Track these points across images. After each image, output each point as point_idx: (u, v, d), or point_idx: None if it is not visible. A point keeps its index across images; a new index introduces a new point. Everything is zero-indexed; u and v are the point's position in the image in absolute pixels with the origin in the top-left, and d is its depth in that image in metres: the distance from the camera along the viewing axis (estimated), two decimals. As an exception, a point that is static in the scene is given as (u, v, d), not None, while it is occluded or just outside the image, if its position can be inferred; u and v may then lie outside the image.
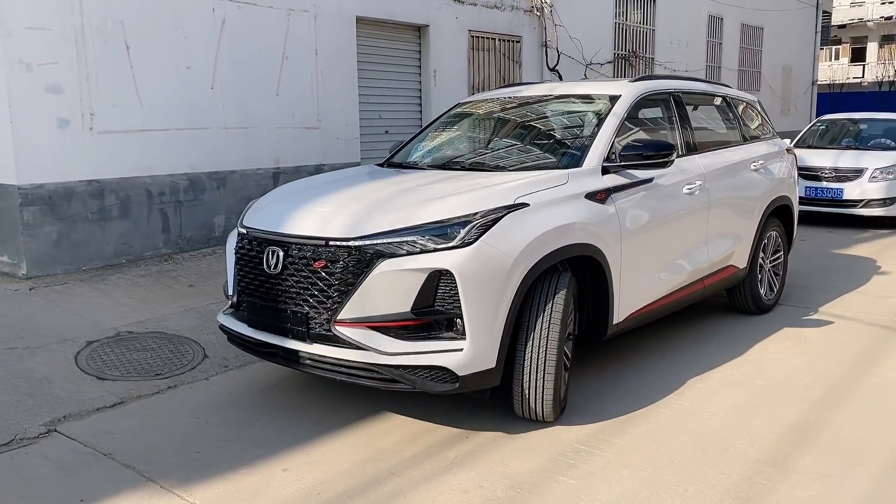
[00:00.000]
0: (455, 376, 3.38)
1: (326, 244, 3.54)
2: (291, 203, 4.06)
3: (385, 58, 9.35)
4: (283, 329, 3.68)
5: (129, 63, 6.62)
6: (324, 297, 3.52)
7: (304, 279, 3.58)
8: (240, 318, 4.03)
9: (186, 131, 7.12)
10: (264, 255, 3.74)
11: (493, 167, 4.47)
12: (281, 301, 3.67)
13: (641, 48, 14.32)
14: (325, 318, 3.52)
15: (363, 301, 3.42)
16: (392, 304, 3.39)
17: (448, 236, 3.42)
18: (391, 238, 3.44)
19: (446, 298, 3.39)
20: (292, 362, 3.74)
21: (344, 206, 3.81)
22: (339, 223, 3.61)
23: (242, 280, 3.95)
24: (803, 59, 22.78)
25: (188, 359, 5.01)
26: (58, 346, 5.07)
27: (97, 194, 6.51)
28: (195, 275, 6.72)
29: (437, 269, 3.36)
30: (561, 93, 4.99)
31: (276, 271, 3.67)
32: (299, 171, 8.21)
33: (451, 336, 3.42)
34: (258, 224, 3.96)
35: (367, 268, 3.42)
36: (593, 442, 3.73)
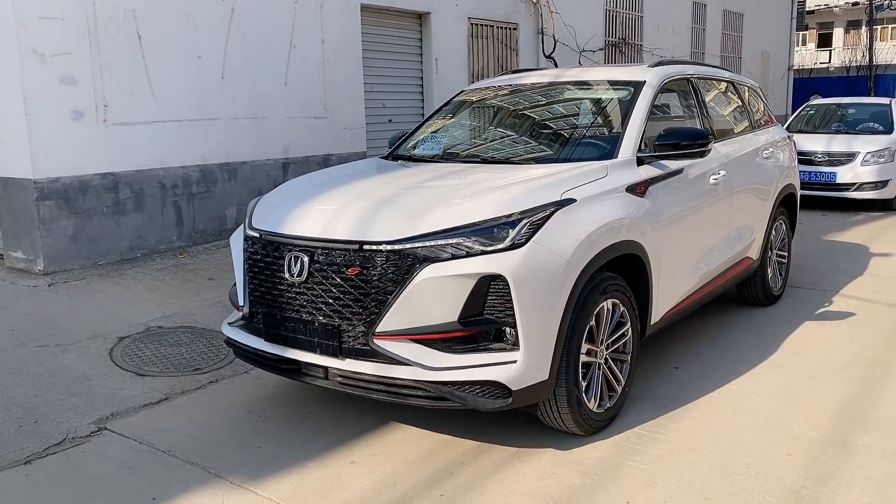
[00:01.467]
0: (508, 391, 3.12)
1: (361, 248, 3.23)
2: (309, 202, 3.76)
3: (388, 46, 9.28)
4: (310, 343, 3.38)
5: (141, 53, 6.49)
6: (359, 308, 3.22)
7: (335, 288, 3.28)
8: (253, 331, 3.69)
9: (198, 122, 7.01)
10: (285, 261, 3.43)
11: (519, 159, 4.30)
12: (306, 312, 3.38)
13: (630, 35, 14.39)
14: (361, 330, 3.24)
15: (405, 311, 3.14)
16: (437, 313, 3.13)
17: (496, 237, 3.16)
18: (434, 241, 3.16)
19: (497, 306, 3.14)
20: (318, 379, 3.43)
21: (372, 205, 3.52)
22: (373, 225, 3.31)
23: (257, 289, 3.62)
24: (780, 45, 23.07)
25: (224, 353, 4.95)
26: (89, 342, 4.98)
27: (112, 187, 6.39)
28: (212, 268, 6.64)
29: (488, 274, 3.11)
30: (577, 79, 4.81)
31: (300, 279, 3.36)
32: (308, 162, 8.14)
33: (501, 347, 3.17)
34: (274, 226, 3.61)
35: (408, 274, 3.14)
36: (653, 427, 3.77)
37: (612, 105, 4.47)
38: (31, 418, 3.97)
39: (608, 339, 3.68)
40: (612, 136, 4.18)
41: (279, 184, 7.78)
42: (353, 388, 3.37)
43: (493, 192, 3.50)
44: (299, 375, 3.57)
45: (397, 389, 3.24)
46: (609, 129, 4.32)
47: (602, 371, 3.66)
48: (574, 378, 3.42)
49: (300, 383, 4.35)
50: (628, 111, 4.24)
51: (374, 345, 3.22)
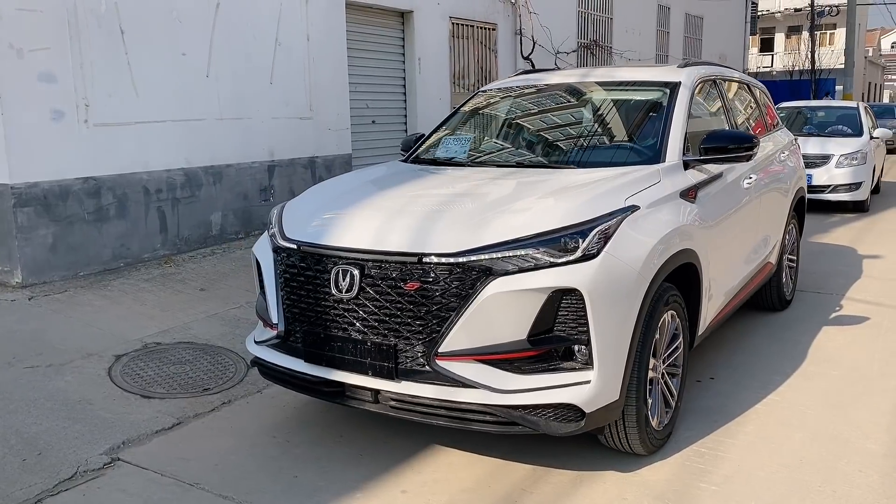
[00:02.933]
0: (581, 414, 2.91)
1: (420, 261, 2.98)
2: (350, 211, 3.50)
3: (371, 45, 9.00)
4: (359, 365, 3.11)
5: (123, 49, 6.08)
6: (418, 326, 2.97)
7: (391, 304, 3.02)
8: (290, 350, 3.39)
9: (182, 123, 6.62)
10: (331, 275, 3.15)
11: (559, 163, 4.07)
12: (356, 331, 3.12)
13: (601, 37, 14.37)
14: (421, 350, 2.98)
15: (471, 329, 2.91)
16: (505, 331, 2.90)
17: (567, 248, 2.95)
18: (500, 252, 2.93)
19: (568, 322, 2.92)
20: (366, 403, 3.17)
21: (424, 214, 3.27)
22: (431, 236, 3.06)
23: (295, 305, 3.32)
24: (735, 48, 23.49)
25: (232, 371, 4.63)
26: (83, 361, 4.59)
27: (94, 193, 5.97)
28: (202, 278, 6.27)
29: (561, 288, 2.89)
30: (607, 79, 4.68)
31: (349, 295, 3.09)
32: (293, 165, 7.81)
33: (572, 366, 2.95)
34: (315, 237, 3.32)
35: (473, 289, 2.90)
36: (710, 444, 3.61)
37: (649, 106, 4.30)
38: (34, 450, 3.59)
39: (665, 352, 3.51)
40: (654, 139, 4.01)
41: (265, 188, 7.46)
42: (408, 412, 3.11)
43: (554, 199, 3.30)
44: (343, 399, 3.30)
45: (461, 414, 3.00)
46: (649, 131, 4.14)
47: (660, 386, 3.48)
48: (643, 396, 3.23)
49: (321, 402, 4.11)
50: (668, 113, 4.09)
51: (435, 366, 2.97)
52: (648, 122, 4.20)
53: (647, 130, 4.16)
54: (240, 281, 6.26)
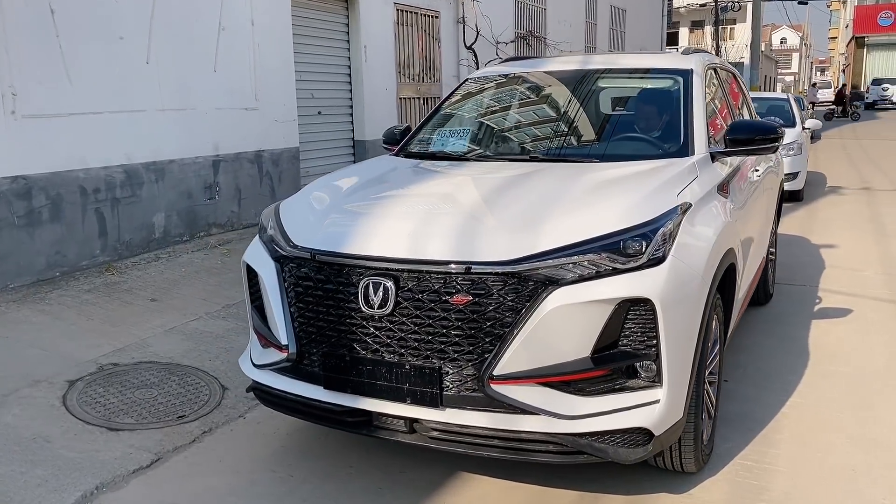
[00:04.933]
0: (649, 437, 2.64)
1: (468, 271, 2.61)
2: (370, 213, 3.10)
3: (316, 31, 8.45)
4: (395, 391, 2.72)
5: (54, 31, 5.38)
6: (468, 346, 2.61)
7: (435, 321, 2.64)
8: (303, 375, 2.97)
9: (121, 114, 5.95)
10: (359, 289, 2.74)
11: (581, 156, 3.75)
12: (391, 352, 2.73)
13: (536, 28, 14.20)
14: (470, 373, 2.62)
15: (531, 347, 2.56)
16: (569, 348, 2.58)
17: (630, 253, 2.63)
18: (559, 259, 2.60)
19: (635, 336, 2.62)
20: (399, 434, 2.80)
21: (463, 217, 2.91)
22: (478, 242, 2.71)
23: (311, 324, 2.89)
24: (654, 40, 23.91)
25: (205, 393, 4.12)
26: (31, 390, 3.98)
27: (24, 194, 5.26)
28: (150, 286, 5.65)
29: (630, 298, 2.58)
30: (612, 67, 4.40)
31: (382, 311, 2.69)
32: (239, 160, 7.22)
33: (638, 385, 2.65)
34: (333, 245, 2.89)
35: (531, 301, 2.56)
36: (752, 455, 3.38)
37: (664, 95, 4.05)
38: (-9, 504, 3.02)
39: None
40: (678, 131, 3.75)
41: (210, 185, 6.85)
42: (453, 443, 2.74)
43: (605, 198, 2.99)
44: (369, 429, 2.89)
45: (520, 444, 2.65)
46: (669, 122, 3.87)
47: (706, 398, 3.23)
48: (701, 411, 2.97)
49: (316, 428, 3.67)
50: (687, 102, 3.84)
51: (490, 391, 2.60)
52: (666, 112, 3.94)
53: (666, 121, 3.89)
54: (193, 289, 5.68)
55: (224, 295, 5.61)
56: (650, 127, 3.94)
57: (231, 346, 4.74)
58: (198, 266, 6.19)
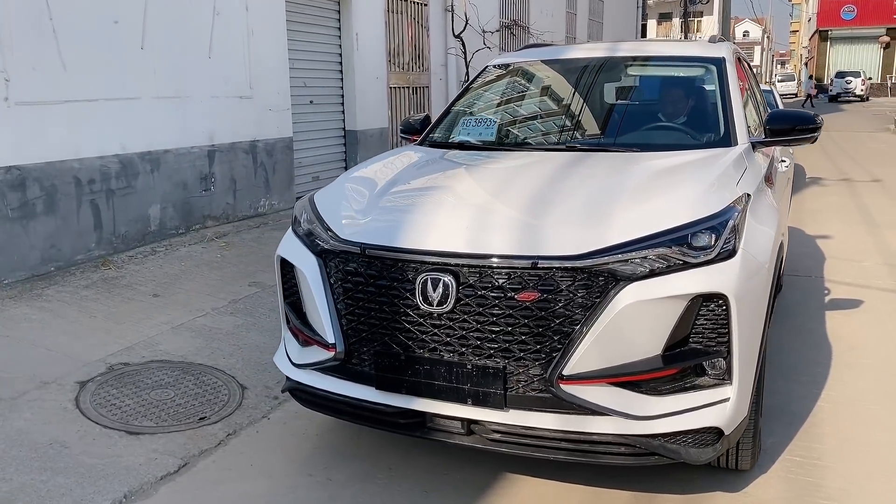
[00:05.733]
0: (719, 436, 2.57)
1: (535, 266, 2.50)
2: (420, 205, 2.97)
3: (308, 17, 8.23)
4: (455, 392, 2.61)
5: (48, 13, 5.12)
6: (535, 344, 2.51)
7: (499, 319, 2.54)
8: (352, 375, 2.84)
9: (116, 102, 5.70)
10: (416, 284, 2.61)
11: (621, 145, 3.64)
12: (451, 351, 2.61)
13: (520, 17, 14.08)
14: (537, 373, 2.52)
15: (602, 346, 2.47)
16: (640, 346, 2.50)
17: (700, 246, 2.54)
18: (630, 253, 2.50)
19: (706, 332, 2.54)
20: (455, 436, 2.69)
21: (521, 209, 2.81)
22: (544, 235, 2.60)
23: (362, 321, 2.76)
24: (630, 31, 23.96)
25: (224, 392, 3.95)
26: (40, 392, 3.77)
27: (17, 185, 5.00)
28: (151, 281, 5.43)
29: (703, 294, 2.49)
30: (640, 54, 4.32)
31: (442, 309, 2.57)
32: (234, 150, 6.99)
33: (707, 383, 2.57)
34: (385, 238, 2.76)
35: (603, 297, 2.46)
36: (799, 451, 3.33)
37: (697, 83, 3.99)
38: (16, 517, 2.83)
39: None
40: (714, 119, 3.69)
41: (205, 176, 6.63)
42: (517, 446, 2.63)
43: (668, 189, 2.90)
44: (423, 431, 2.77)
45: (590, 447, 2.55)
46: (705, 110, 3.81)
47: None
48: (760, 407, 2.90)
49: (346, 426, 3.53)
50: (724, 90, 3.78)
51: (560, 391, 2.49)
52: (702, 101, 3.88)
53: (703, 110, 3.83)
54: (195, 284, 5.48)
55: (228, 290, 5.41)
56: (686, 116, 3.86)
57: (243, 342, 4.57)
58: (197, 259, 5.98)
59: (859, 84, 41.26)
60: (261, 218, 7.31)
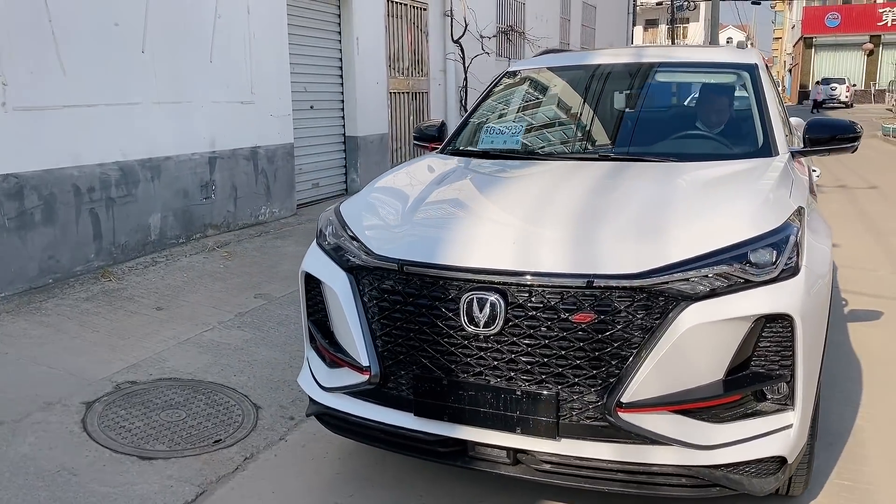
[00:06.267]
0: (782, 464, 2.41)
1: (590, 285, 2.34)
2: (459, 218, 2.81)
3: (308, 21, 8.06)
4: (502, 419, 2.44)
5: (47, 15, 4.92)
6: (591, 369, 2.35)
7: (552, 342, 2.38)
8: (387, 400, 2.66)
9: (116, 107, 5.51)
10: (460, 304, 2.44)
11: (658, 155, 3.44)
12: (498, 376, 2.44)
13: (516, 23, 13.98)
14: (593, 400, 2.36)
15: (664, 371, 2.31)
16: (702, 370, 2.34)
17: (760, 264, 2.39)
18: (689, 271, 2.35)
19: (769, 355, 2.39)
20: (500, 466, 2.52)
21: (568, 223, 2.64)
22: (598, 252, 2.45)
23: (399, 343, 2.59)
24: (620, 37, 23.95)
25: (237, 413, 3.76)
26: (45, 414, 3.57)
27: (15, 193, 4.79)
28: (153, 294, 5.23)
29: (768, 315, 2.34)
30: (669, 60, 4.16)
31: (489, 330, 2.40)
32: (235, 156, 6.80)
33: (769, 408, 2.42)
34: (424, 254, 2.58)
35: (662, 318, 2.31)
36: (845, 474, 3.19)
37: (730, 90, 3.86)
38: (25, 554, 2.64)
39: None
40: (751, 128, 3.56)
41: (206, 184, 6.43)
42: (569, 477, 2.46)
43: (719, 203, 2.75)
44: (465, 460, 2.60)
45: (648, 478, 2.39)
46: (741, 118, 3.68)
47: None
48: (816, 430, 2.76)
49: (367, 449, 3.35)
50: (759, 98, 3.65)
51: (618, 419, 2.33)
52: (736, 108, 3.75)
53: (739, 118, 3.69)
54: (199, 296, 5.28)
55: (234, 302, 5.22)
56: (720, 124, 3.73)
57: (253, 358, 4.39)
58: (199, 270, 5.78)
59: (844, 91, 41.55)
60: (262, 226, 7.12)
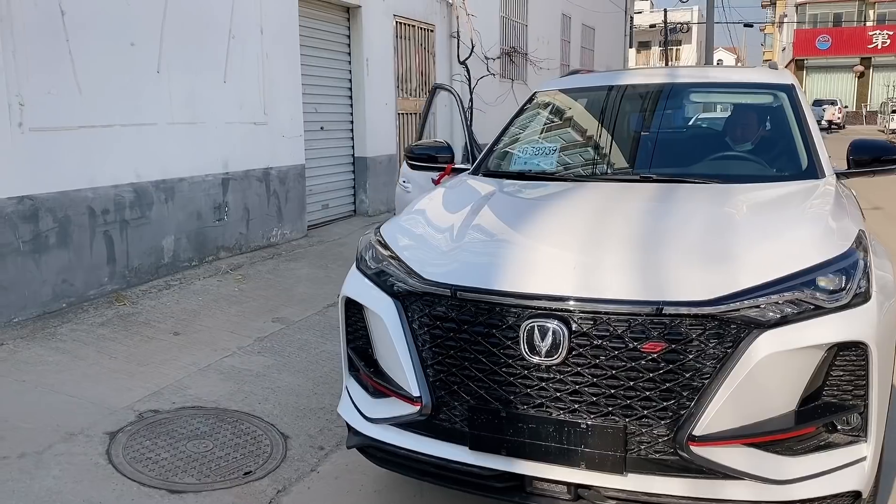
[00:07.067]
0: (856, 498, 2.30)
1: (659, 312, 2.24)
2: (514, 242, 2.71)
3: (319, 42, 8.01)
4: (566, 454, 2.32)
5: (64, 34, 4.83)
6: (660, 400, 2.25)
7: (619, 372, 2.27)
8: (439, 433, 2.53)
9: (131, 128, 5.41)
10: (520, 332, 2.33)
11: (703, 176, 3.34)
12: (562, 409, 2.32)
13: (519, 44, 13.99)
14: (663, 433, 2.25)
15: (738, 402, 2.20)
16: (775, 401, 2.24)
17: (831, 290, 2.30)
18: (760, 298, 2.24)
19: (841, 384, 2.29)
20: (562, 501, 2.39)
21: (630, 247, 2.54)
22: (666, 277, 2.35)
23: (453, 373, 2.47)
24: (617, 59, 24.07)
25: (266, 443, 3.63)
26: (67, 445, 3.43)
27: (30, 216, 4.67)
28: (169, 318, 5.10)
29: (841, 342, 2.25)
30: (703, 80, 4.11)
31: (552, 360, 2.29)
32: (248, 178, 6.71)
33: (841, 440, 2.31)
34: (479, 280, 2.47)
35: (734, 347, 2.20)
36: (903, 504, 3.09)
37: (768, 111, 3.80)
38: None
39: None
40: (793, 149, 3.49)
41: (219, 206, 6.33)
42: None
43: (782, 226, 2.65)
44: (522, 496, 2.47)
45: None
46: (782, 139, 3.60)
47: None
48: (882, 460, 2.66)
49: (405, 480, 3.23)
50: (800, 119, 3.59)
51: (690, 453, 2.21)
52: (779, 129, 3.68)
53: (782, 138, 3.61)
54: (216, 321, 5.15)
55: (251, 326, 5.10)
56: (761, 144, 3.67)
57: (276, 385, 4.26)
58: (214, 294, 5.66)
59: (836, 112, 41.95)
60: (273, 248, 7.01)
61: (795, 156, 3.45)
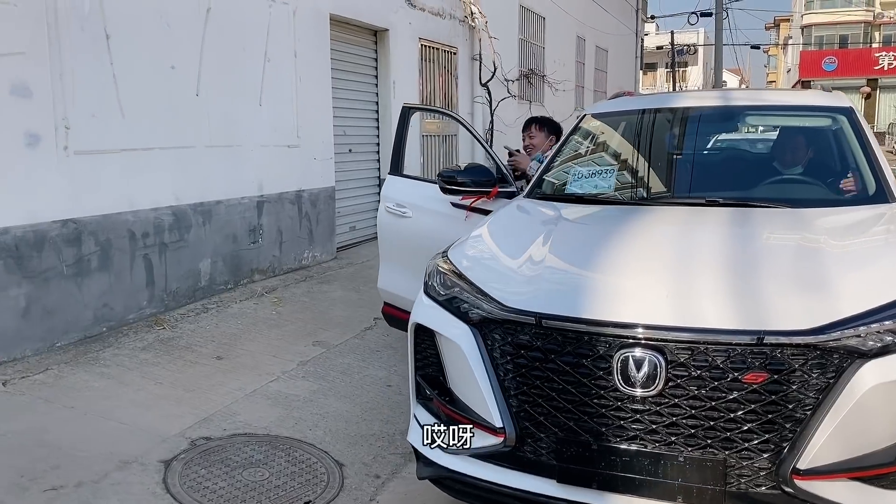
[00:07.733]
0: None
1: (760, 342, 2.17)
2: (599, 268, 2.63)
3: (348, 65, 8.01)
4: (661, 488, 2.26)
5: (109, 58, 4.82)
6: (762, 433, 2.18)
7: (718, 403, 2.20)
8: (524, 465, 2.46)
9: (170, 150, 5.39)
10: (614, 363, 2.27)
11: (768, 200, 3.28)
12: (658, 441, 2.27)
13: (537, 66, 14.03)
14: (764, 466, 2.19)
15: (842, 435, 2.14)
16: (878, 432, 2.17)
17: None
18: (864, 326, 2.18)
19: None
20: None
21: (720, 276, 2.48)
22: (766, 305, 2.29)
23: (539, 404, 2.42)
24: (629, 80, 24.14)
25: (321, 472, 3.56)
26: (122, 474, 3.36)
27: (74, 239, 4.64)
28: (210, 342, 5.04)
29: None
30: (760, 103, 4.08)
31: (648, 392, 2.23)
32: (281, 200, 6.68)
33: None
34: (567, 308, 2.41)
35: (837, 378, 2.15)
36: None
37: (828, 134, 3.75)
38: None
39: None
40: (859, 173, 3.44)
41: (254, 228, 6.30)
42: None
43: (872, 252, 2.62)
44: None
45: None
46: (846, 162, 3.55)
47: None
48: None
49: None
50: (863, 142, 3.54)
51: (794, 487, 2.15)
52: (842, 153, 3.63)
53: (846, 162, 3.57)
54: (257, 345, 5.10)
55: (293, 350, 5.04)
56: (824, 168, 3.62)
57: (325, 411, 4.19)
58: (252, 317, 5.61)
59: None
60: (305, 271, 6.96)
61: (862, 180, 3.41)
